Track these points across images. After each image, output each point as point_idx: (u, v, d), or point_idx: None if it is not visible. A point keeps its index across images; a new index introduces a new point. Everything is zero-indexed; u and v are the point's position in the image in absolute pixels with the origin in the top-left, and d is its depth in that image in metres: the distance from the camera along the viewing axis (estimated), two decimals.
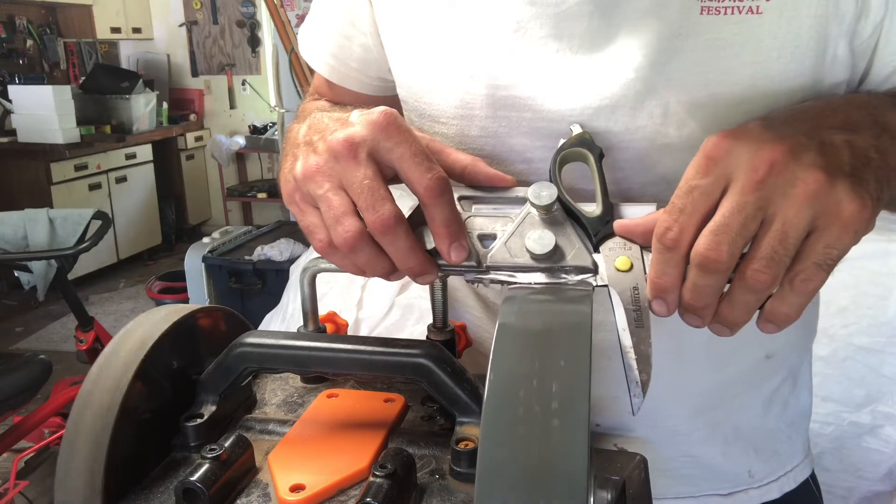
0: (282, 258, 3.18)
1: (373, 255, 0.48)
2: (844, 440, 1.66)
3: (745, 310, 0.44)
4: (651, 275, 0.45)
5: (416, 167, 0.47)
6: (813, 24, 0.53)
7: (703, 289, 0.44)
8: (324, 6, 0.74)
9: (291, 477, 0.48)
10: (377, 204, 0.46)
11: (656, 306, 0.46)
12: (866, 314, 1.68)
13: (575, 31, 0.56)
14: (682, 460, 0.72)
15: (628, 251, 0.48)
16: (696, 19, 0.53)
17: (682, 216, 0.44)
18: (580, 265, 0.48)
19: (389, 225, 0.46)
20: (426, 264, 0.49)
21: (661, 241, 0.44)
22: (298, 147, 0.52)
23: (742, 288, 0.43)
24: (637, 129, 0.56)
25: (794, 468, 0.77)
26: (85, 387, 0.50)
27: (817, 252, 0.42)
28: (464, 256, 0.48)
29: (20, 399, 2.17)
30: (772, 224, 0.42)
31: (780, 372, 0.73)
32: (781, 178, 0.42)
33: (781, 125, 0.46)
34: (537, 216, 0.50)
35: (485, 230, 0.51)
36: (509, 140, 0.60)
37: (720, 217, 0.43)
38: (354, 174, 0.47)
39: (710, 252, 0.42)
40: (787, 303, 0.43)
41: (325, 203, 0.48)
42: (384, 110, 0.48)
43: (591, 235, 0.49)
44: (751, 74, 0.53)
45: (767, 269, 0.42)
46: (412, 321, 1.93)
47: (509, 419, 0.37)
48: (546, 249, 0.48)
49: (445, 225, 0.48)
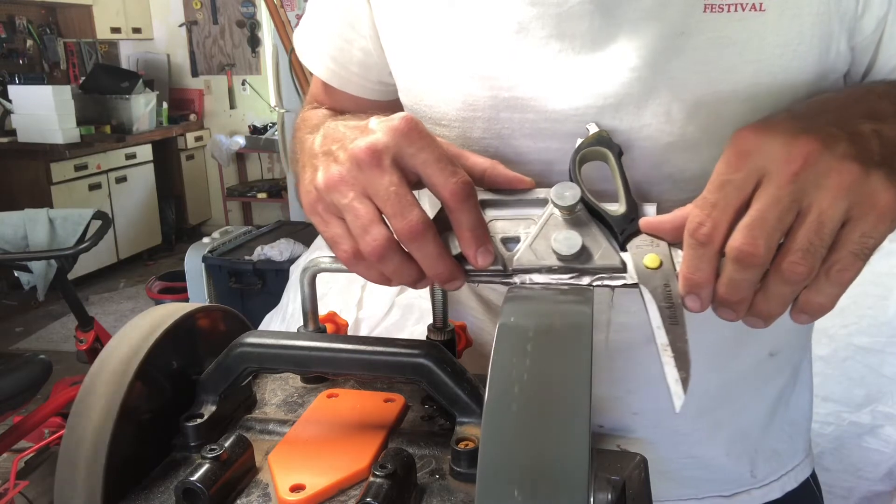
0: (282, 258, 3.18)
1: (401, 262, 0.47)
2: (844, 440, 1.66)
3: (781, 301, 0.44)
4: (684, 271, 0.45)
5: (440, 172, 0.46)
6: (815, 21, 0.53)
7: (740, 283, 0.43)
8: (321, 9, 0.73)
9: (291, 477, 0.48)
10: (405, 210, 0.45)
11: (690, 302, 0.45)
12: (866, 314, 1.68)
13: (577, 31, 0.56)
14: (684, 461, 0.72)
15: (656, 248, 0.48)
16: (699, 17, 0.53)
17: (716, 211, 0.44)
18: (608, 265, 0.47)
19: (418, 231, 0.45)
20: (455, 270, 0.48)
21: (694, 237, 0.44)
22: (317, 157, 0.50)
23: (778, 280, 0.43)
24: (641, 127, 0.56)
25: (795, 467, 0.77)
26: (85, 387, 0.50)
27: (853, 241, 0.42)
28: (490, 260, 0.48)
29: (20, 399, 2.17)
30: (807, 215, 0.42)
31: (784, 370, 0.74)
32: (816, 170, 0.42)
33: (808, 117, 0.46)
34: (561, 217, 0.49)
35: (508, 233, 0.50)
36: (513, 141, 0.60)
37: (756, 211, 0.42)
38: (380, 181, 0.46)
39: (747, 246, 0.42)
40: (823, 293, 0.43)
41: (350, 212, 0.47)
42: (405, 116, 0.47)
43: (616, 234, 0.49)
44: (754, 72, 0.53)
45: (804, 261, 0.42)
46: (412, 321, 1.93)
47: (510, 419, 0.36)
48: (573, 250, 0.47)
49: (471, 229, 0.47)
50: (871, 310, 1.68)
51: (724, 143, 0.55)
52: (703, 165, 0.57)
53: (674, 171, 0.57)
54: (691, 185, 0.58)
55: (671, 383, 0.44)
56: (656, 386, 0.68)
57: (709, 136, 0.55)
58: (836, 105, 0.48)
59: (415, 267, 0.48)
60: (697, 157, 0.56)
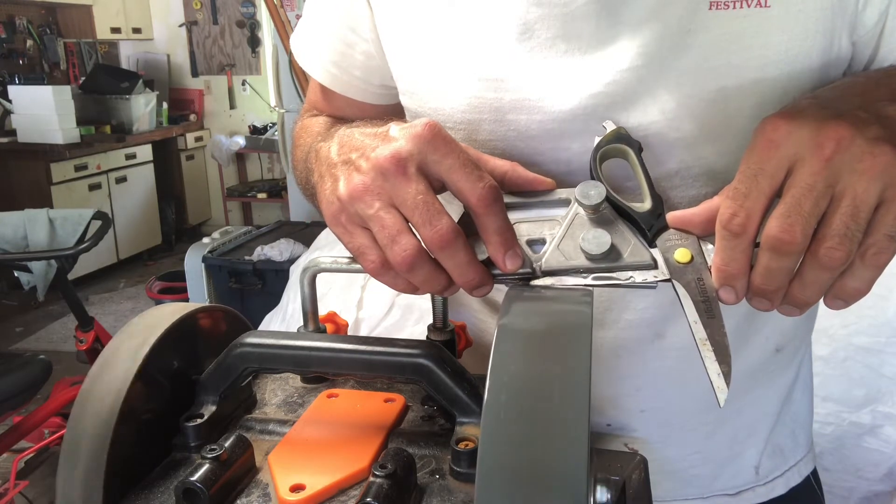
0: (282, 258, 3.18)
1: (431, 271, 0.47)
2: (844, 440, 1.66)
3: (818, 288, 0.44)
4: (718, 262, 0.45)
5: (466, 177, 0.46)
6: (820, 16, 0.53)
7: (776, 271, 0.43)
8: (320, 12, 0.71)
9: (291, 477, 0.48)
10: (434, 219, 0.45)
11: (724, 294, 0.45)
12: (866, 314, 1.68)
13: (583, 32, 0.56)
14: (690, 459, 0.72)
15: (685, 242, 0.47)
16: (704, 14, 0.53)
17: (748, 201, 0.43)
18: (639, 262, 0.47)
19: (448, 239, 0.45)
20: (484, 276, 0.47)
21: (727, 228, 0.44)
22: (336, 167, 0.49)
23: (815, 267, 0.43)
24: (649, 124, 0.56)
25: (798, 462, 0.78)
26: (85, 387, 0.50)
27: (888, 224, 0.42)
28: (519, 264, 0.47)
29: (20, 399, 2.17)
30: (842, 200, 0.41)
31: (789, 366, 0.74)
32: (848, 154, 0.42)
33: (834, 102, 0.46)
34: (586, 216, 0.49)
35: (532, 235, 0.49)
36: (518, 142, 0.60)
37: (790, 198, 0.42)
38: (406, 190, 0.45)
39: (784, 234, 0.42)
40: (859, 277, 0.43)
41: (377, 223, 0.46)
42: (427, 122, 0.47)
43: (644, 231, 0.48)
44: (760, 67, 0.54)
45: (841, 246, 0.41)
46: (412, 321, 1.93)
47: (509, 419, 0.36)
48: (603, 249, 0.47)
49: (499, 233, 0.47)
50: (871, 310, 1.68)
51: (732, 137, 0.55)
52: (710, 161, 0.57)
53: (681, 168, 0.57)
54: (699, 182, 0.58)
55: (713, 377, 0.44)
56: (664, 383, 0.68)
57: (716, 132, 0.56)
58: (859, 90, 0.48)
59: (444, 275, 0.47)
60: (704, 153, 0.57)
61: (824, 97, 0.47)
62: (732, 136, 0.55)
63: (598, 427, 0.68)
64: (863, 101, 0.46)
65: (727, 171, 0.51)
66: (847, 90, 0.49)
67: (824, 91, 0.50)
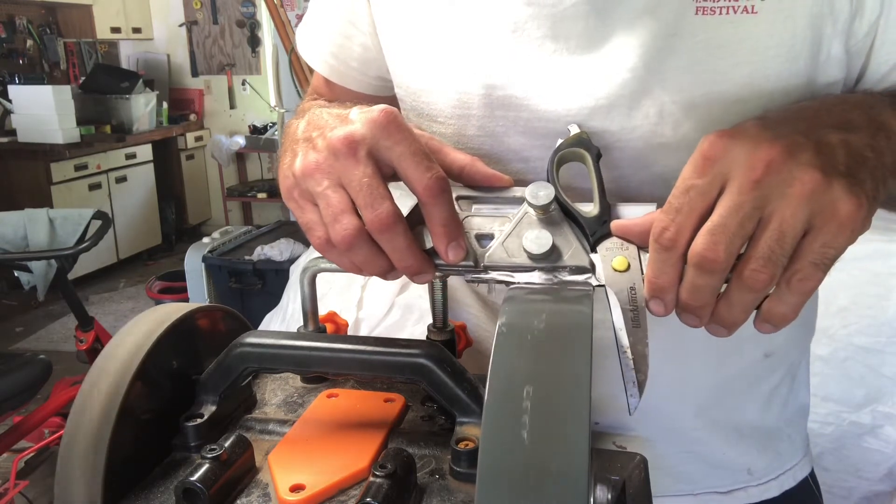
0: (282, 258, 3.18)
1: (370, 253, 0.48)
2: (844, 440, 1.66)
3: (743, 309, 0.44)
4: (648, 274, 0.46)
5: (415, 166, 0.47)
6: (808, 23, 0.53)
7: (701, 288, 0.44)
8: (322, 5, 0.73)
9: (291, 477, 0.48)
10: (376, 202, 0.46)
11: (654, 306, 0.46)
12: (866, 314, 1.68)
13: (572, 32, 0.56)
14: (681, 456, 0.72)
15: (625, 251, 0.48)
16: (691, 19, 0.53)
17: (679, 216, 0.44)
18: (577, 265, 0.48)
19: (387, 224, 0.46)
20: (424, 263, 0.49)
21: (658, 241, 0.45)
22: (298, 143, 0.51)
23: (740, 288, 0.43)
24: (633, 128, 0.56)
25: (793, 466, 0.77)
26: (85, 387, 0.50)
27: (814, 251, 0.42)
28: (461, 256, 0.49)
29: (20, 399, 2.17)
30: (769, 224, 0.42)
31: (779, 370, 0.74)
32: (778, 178, 0.42)
33: (778, 124, 0.46)
34: (535, 216, 0.50)
35: (483, 230, 0.51)
36: (506, 139, 0.60)
37: (717, 217, 0.43)
38: (353, 172, 0.47)
39: (708, 252, 0.42)
40: (785, 302, 0.43)
41: (323, 200, 0.48)
42: (384, 108, 0.48)
43: (588, 235, 0.49)
44: (746, 74, 0.54)
45: (765, 269, 0.42)
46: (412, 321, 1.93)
47: (510, 419, 0.36)
48: (543, 249, 0.48)
49: (444, 224, 0.48)
50: (871, 310, 1.68)
51: None
52: None
53: (666, 172, 0.57)
54: None
55: (628, 386, 0.45)
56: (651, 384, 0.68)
57: (701, 138, 0.55)
58: (808, 114, 0.48)
59: (384, 258, 0.48)
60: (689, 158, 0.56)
61: (771, 119, 0.47)
62: None
63: None
64: (807, 126, 0.46)
65: None
66: (796, 114, 0.49)
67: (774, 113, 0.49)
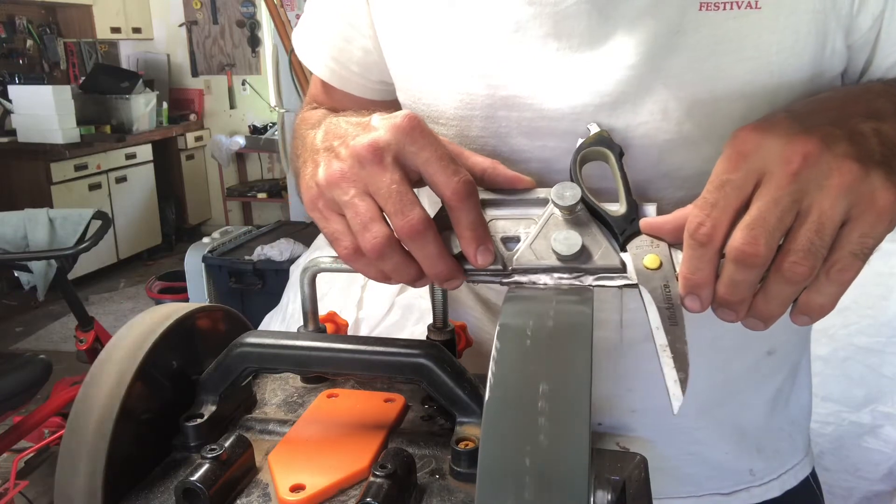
0: (282, 258, 3.17)
1: (401, 261, 0.47)
2: (844, 440, 1.66)
3: (781, 302, 0.44)
4: (684, 271, 0.45)
5: (442, 170, 0.46)
6: (811, 18, 0.53)
7: (740, 283, 0.43)
8: (320, 8, 0.72)
9: (291, 477, 0.48)
10: (406, 209, 0.45)
11: (690, 303, 0.45)
12: (866, 314, 1.68)
13: (574, 30, 0.56)
14: (684, 458, 0.72)
15: (656, 249, 0.48)
16: (694, 15, 0.53)
17: (715, 211, 0.44)
18: (608, 265, 0.47)
19: (419, 230, 0.45)
20: (454, 269, 0.48)
21: (693, 237, 0.44)
22: (318, 153, 0.50)
23: (779, 281, 0.43)
24: (638, 125, 0.56)
25: (794, 466, 0.77)
26: (85, 387, 0.50)
27: (853, 242, 0.42)
28: (490, 260, 0.48)
29: (20, 399, 2.17)
30: (808, 216, 0.42)
31: (782, 369, 0.74)
32: (816, 170, 0.42)
33: (807, 116, 0.46)
34: (561, 217, 0.49)
35: (508, 233, 0.50)
36: (510, 140, 0.60)
37: (756, 211, 0.42)
38: (381, 179, 0.46)
39: (748, 246, 0.42)
40: (823, 293, 0.43)
41: (351, 209, 0.47)
42: (407, 114, 0.47)
43: (616, 234, 0.49)
44: (750, 70, 0.53)
45: (805, 261, 0.42)
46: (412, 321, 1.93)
47: (510, 419, 0.36)
48: (573, 250, 0.47)
49: (472, 228, 0.47)
50: (871, 310, 1.68)
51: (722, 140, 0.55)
52: (700, 163, 0.57)
53: (671, 169, 0.57)
54: (689, 183, 0.58)
55: (669, 384, 0.44)
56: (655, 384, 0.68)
57: (706, 134, 0.55)
58: (834, 104, 0.48)
59: (414, 265, 0.48)
60: (695, 155, 0.56)
61: (799, 111, 0.47)
62: (723, 139, 0.55)
63: None
64: (837, 117, 0.46)
65: None
66: (823, 104, 0.49)
67: (800, 104, 0.49)
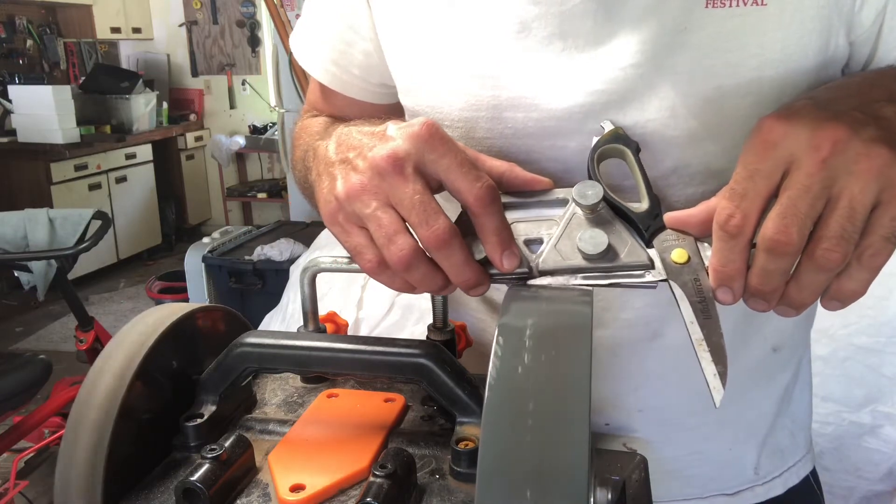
0: (282, 258, 3.18)
1: (427, 271, 0.47)
2: (844, 440, 1.66)
3: (814, 290, 0.44)
4: (715, 264, 0.45)
5: (464, 177, 0.46)
6: (816, 14, 0.53)
7: (772, 273, 0.43)
8: (319, 10, 0.71)
9: (291, 477, 0.48)
10: (430, 219, 0.45)
11: (722, 295, 0.45)
12: (866, 314, 1.68)
13: (580, 30, 0.56)
14: (689, 458, 0.72)
15: (682, 243, 0.47)
16: (700, 13, 0.53)
17: (745, 202, 0.43)
18: (635, 262, 0.47)
19: (444, 239, 0.45)
20: (480, 276, 0.47)
21: (724, 229, 0.44)
22: (334, 166, 0.50)
23: (811, 269, 0.43)
24: (646, 122, 0.56)
25: (796, 463, 0.78)
26: (85, 387, 0.50)
27: (885, 225, 0.42)
28: (516, 264, 0.47)
29: (20, 399, 2.17)
30: (838, 202, 0.41)
31: (788, 366, 0.74)
32: (845, 156, 0.42)
33: (830, 103, 0.46)
34: (583, 216, 0.49)
35: (530, 235, 0.49)
36: (516, 141, 0.60)
37: (786, 199, 0.42)
38: (403, 190, 0.45)
39: (780, 235, 0.42)
40: (855, 279, 0.43)
41: (374, 222, 0.46)
42: (425, 121, 0.47)
43: (641, 231, 0.48)
44: (757, 66, 0.54)
45: (838, 248, 0.41)
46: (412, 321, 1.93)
47: (510, 419, 0.36)
48: (600, 249, 0.47)
49: (497, 233, 0.47)
50: (872, 310, 1.68)
51: (729, 136, 0.55)
52: (708, 159, 0.57)
53: (679, 166, 0.57)
54: (696, 180, 0.58)
55: (709, 378, 0.44)
56: (662, 383, 0.68)
57: (713, 131, 0.56)
58: (854, 90, 0.48)
59: (440, 274, 0.47)
60: (702, 151, 0.57)
61: (821, 98, 0.47)
62: (730, 135, 0.55)
63: (596, 426, 0.68)
64: (859, 102, 0.46)
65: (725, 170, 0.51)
66: (843, 91, 0.49)
67: (820, 91, 0.50)
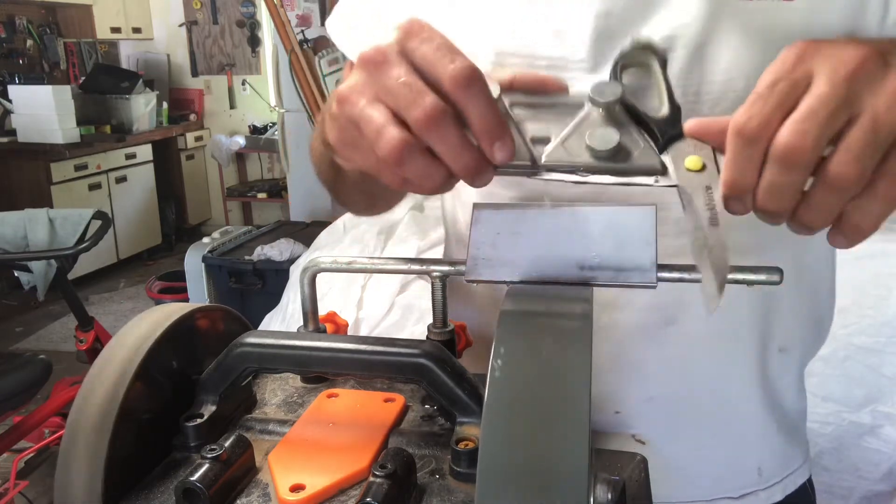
0: (282, 258, 3.18)
1: (424, 162, 0.43)
2: (844, 440, 1.66)
3: (824, 212, 0.40)
4: (726, 172, 0.41)
5: (440, 59, 0.42)
6: (843, 14, 0.55)
7: (783, 187, 0.40)
8: None
9: (291, 477, 0.48)
10: (418, 98, 0.41)
11: (734, 205, 0.42)
12: (866, 314, 1.69)
13: None
14: (695, 456, 0.72)
15: (699, 151, 0.44)
16: (733, 4, 0.55)
17: (766, 106, 0.40)
18: (647, 165, 0.44)
19: (435, 116, 0.41)
20: (481, 160, 0.43)
21: (741, 133, 0.40)
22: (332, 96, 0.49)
23: (824, 187, 0.39)
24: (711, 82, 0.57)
25: (797, 469, 0.78)
26: (85, 387, 0.50)
27: None
28: (508, 155, 0.43)
29: (20, 399, 2.17)
30: (860, 117, 0.39)
31: (792, 369, 0.74)
32: (871, 76, 0.39)
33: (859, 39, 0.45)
34: (598, 115, 0.46)
35: (538, 133, 0.46)
36: None
37: (806, 106, 0.39)
38: (388, 76, 0.43)
39: (796, 140, 0.38)
40: (866, 210, 0.40)
41: (364, 121, 0.44)
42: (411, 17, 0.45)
43: (657, 137, 0.45)
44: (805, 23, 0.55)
45: (855, 163, 0.38)
46: (412, 321, 1.94)
47: (510, 419, 0.36)
48: (609, 146, 0.44)
49: (482, 118, 0.42)
50: (872, 310, 1.68)
51: None
52: None
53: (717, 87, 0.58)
54: None
55: (707, 284, 0.41)
56: (673, 370, 0.68)
57: None
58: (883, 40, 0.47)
59: (439, 165, 0.44)
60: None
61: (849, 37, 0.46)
62: None
63: (606, 414, 0.68)
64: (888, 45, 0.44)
65: None
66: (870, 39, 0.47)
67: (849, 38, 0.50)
